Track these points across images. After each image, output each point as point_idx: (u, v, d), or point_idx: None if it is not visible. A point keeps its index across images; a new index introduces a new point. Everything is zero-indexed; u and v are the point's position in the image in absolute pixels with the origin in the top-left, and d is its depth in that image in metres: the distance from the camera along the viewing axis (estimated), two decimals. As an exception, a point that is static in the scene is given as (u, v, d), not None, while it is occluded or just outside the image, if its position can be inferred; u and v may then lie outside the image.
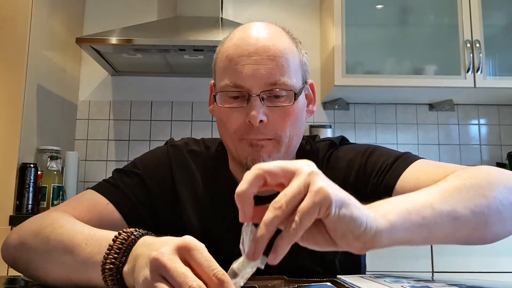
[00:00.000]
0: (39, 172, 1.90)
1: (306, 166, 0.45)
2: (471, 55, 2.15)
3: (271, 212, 0.43)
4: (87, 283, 0.58)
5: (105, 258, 0.53)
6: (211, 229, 0.83)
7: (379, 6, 2.36)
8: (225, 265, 0.47)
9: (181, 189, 0.85)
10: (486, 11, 2.20)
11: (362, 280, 0.68)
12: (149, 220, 0.82)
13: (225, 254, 0.49)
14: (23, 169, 1.83)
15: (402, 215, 0.50)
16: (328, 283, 0.65)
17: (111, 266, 0.52)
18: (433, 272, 1.76)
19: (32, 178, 1.84)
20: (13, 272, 0.72)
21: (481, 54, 2.15)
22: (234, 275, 0.46)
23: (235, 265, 0.46)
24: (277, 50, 0.75)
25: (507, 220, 0.60)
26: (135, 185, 0.83)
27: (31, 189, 1.83)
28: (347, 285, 0.64)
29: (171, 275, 0.43)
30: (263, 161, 0.75)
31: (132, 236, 0.54)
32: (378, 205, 0.50)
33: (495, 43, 2.25)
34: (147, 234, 0.55)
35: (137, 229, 0.55)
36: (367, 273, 0.85)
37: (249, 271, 0.46)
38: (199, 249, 0.46)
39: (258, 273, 0.47)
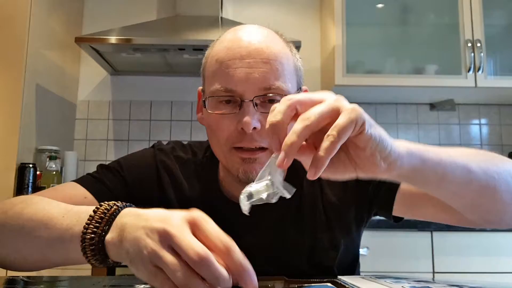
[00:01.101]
0: (38, 172, 1.90)
1: (332, 95, 0.49)
2: (472, 54, 2.14)
3: (299, 123, 0.46)
4: (63, 259, 0.56)
5: (86, 228, 0.51)
6: None
7: (380, 5, 2.35)
8: None
9: (169, 192, 0.83)
10: (487, 10, 2.20)
11: (363, 280, 0.68)
12: None
13: None
14: (22, 169, 1.83)
15: (420, 150, 0.54)
16: (329, 284, 0.64)
17: (93, 235, 0.50)
18: (434, 272, 1.76)
19: (31, 178, 1.83)
20: (13, 272, 0.70)
21: (482, 54, 2.14)
22: (250, 196, 0.48)
23: (252, 188, 0.48)
24: (271, 53, 0.72)
25: None
26: (118, 184, 0.81)
27: (30, 189, 1.83)
28: (347, 286, 0.63)
29: (180, 244, 0.44)
30: (256, 173, 0.73)
31: (115, 207, 0.52)
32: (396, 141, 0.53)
33: (496, 42, 2.24)
34: (130, 206, 0.53)
35: (118, 201, 0.54)
36: (368, 273, 0.84)
37: (267, 196, 0.48)
38: (207, 220, 0.47)
39: (258, 274, 0.47)
